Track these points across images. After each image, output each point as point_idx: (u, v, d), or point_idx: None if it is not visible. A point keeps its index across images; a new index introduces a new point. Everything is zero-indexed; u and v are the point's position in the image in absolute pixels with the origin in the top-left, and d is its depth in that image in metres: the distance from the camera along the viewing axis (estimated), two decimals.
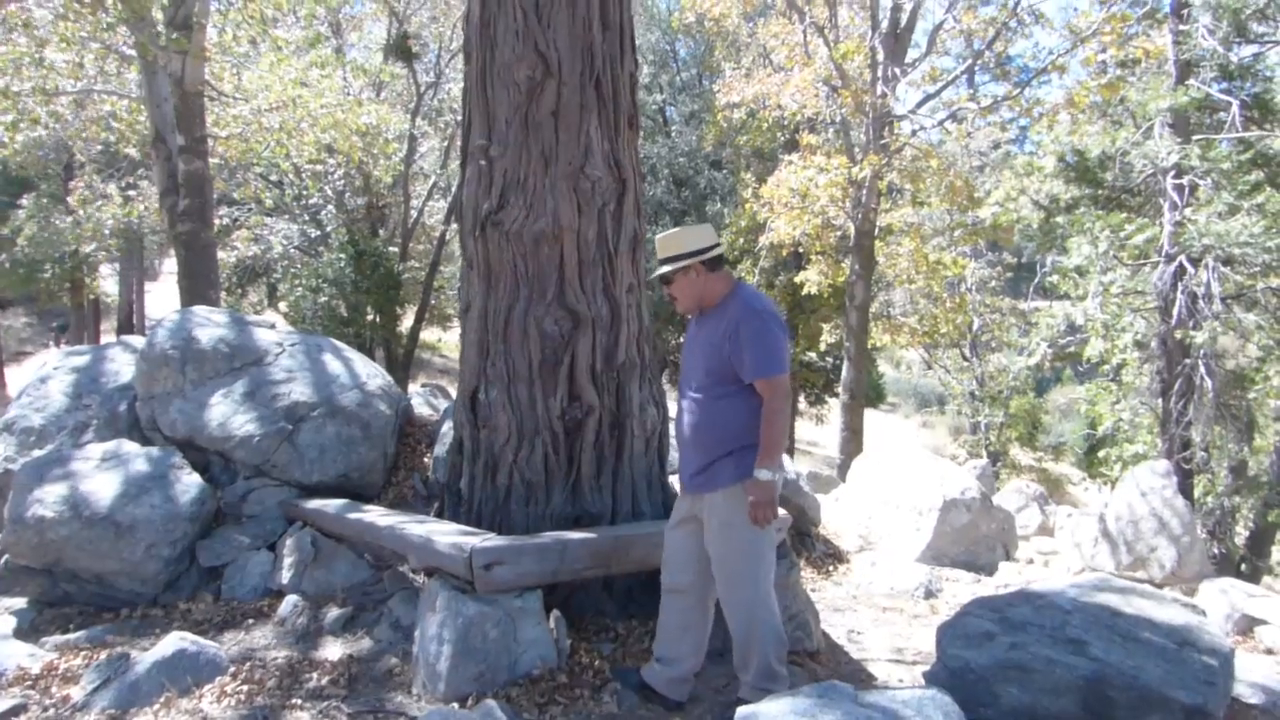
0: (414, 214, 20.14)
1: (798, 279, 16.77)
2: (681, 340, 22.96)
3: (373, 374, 6.83)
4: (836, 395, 17.24)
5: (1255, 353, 12.92)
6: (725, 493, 3.54)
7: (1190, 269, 12.62)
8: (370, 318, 17.73)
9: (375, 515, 5.00)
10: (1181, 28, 14.01)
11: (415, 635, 4.09)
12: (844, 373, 15.06)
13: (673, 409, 6.44)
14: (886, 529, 7.34)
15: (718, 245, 3.69)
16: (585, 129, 4.88)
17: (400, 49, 18.18)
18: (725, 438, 3.52)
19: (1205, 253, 12.46)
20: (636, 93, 5.34)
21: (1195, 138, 13.47)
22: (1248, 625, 6.14)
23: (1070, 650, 3.55)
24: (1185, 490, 11.65)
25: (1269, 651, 5.74)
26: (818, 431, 23.76)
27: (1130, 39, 13.98)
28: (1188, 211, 12.98)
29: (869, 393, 22.95)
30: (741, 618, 3.64)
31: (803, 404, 22.53)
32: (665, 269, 3.66)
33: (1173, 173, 13.40)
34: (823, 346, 19.63)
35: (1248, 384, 13.17)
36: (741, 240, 18.26)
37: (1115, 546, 7.29)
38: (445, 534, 4.19)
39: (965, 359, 21.82)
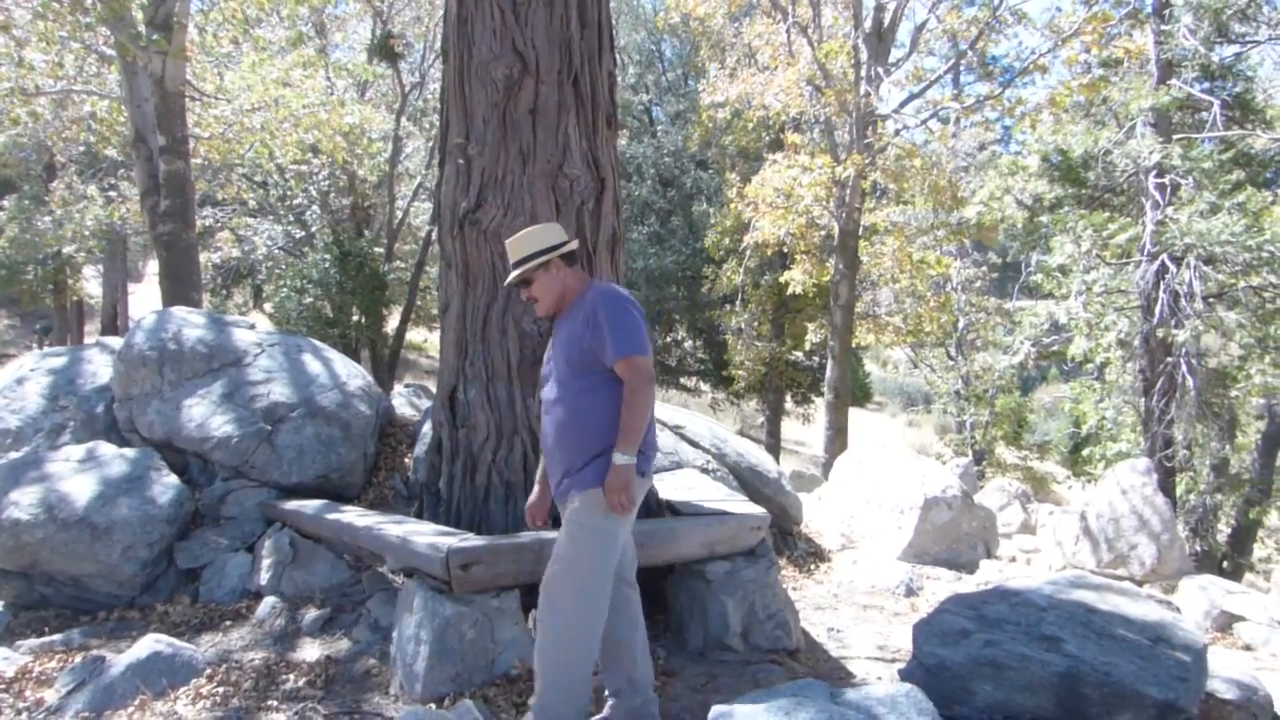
0: (399, 214, 20.08)
1: (783, 278, 16.81)
2: (669, 339, 23.04)
3: (353, 374, 6.81)
4: (822, 394, 17.27)
5: (1237, 351, 12.99)
6: (586, 495, 3.26)
7: (1172, 268, 12.68)
8: (356, 319, 17.65)
9: (353, 516, 4.98)
10: (1163, 27, 14.09)
11: (393, 636, 4.08)
12: (828, 371, 15.08)
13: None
14: (869, 527, 7.35)
15: (571, 241, 3.55)
16: (563, 127, 4.88)
17: (384, 49, 18.11)
18: (594, 435, 3.27)
19: (1187, 252, 12.53)
20: (615, 91, 5.34)
21: (1177, 137, 13.55)
22: (1227, 622, 6.17)
23: (1045, 647, 3.56)
24: (1167, 488, 11.70)
25: (1247, 648, 5.77)
26: (804, 431, 23.82)
27: (1113, 39, 14.06)
28: (1169, 210, 13.04)
29: (855, 392, 23.00)
30: (551, 639, 3.27)
31: (789, 403, 22.58)
32: (528, 266, 3.44)
33: (1155, 172, 13.46)
34: (808, 346, 19.67)
35: (1229, 382, 13.23)
36: (727, 240, 18.28)
37: (1096, 544, 7.32)
38: (423, 534, 4.17)
39: (951, 358, 21.91)
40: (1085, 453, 14.87)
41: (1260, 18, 14.56)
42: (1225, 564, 12.28)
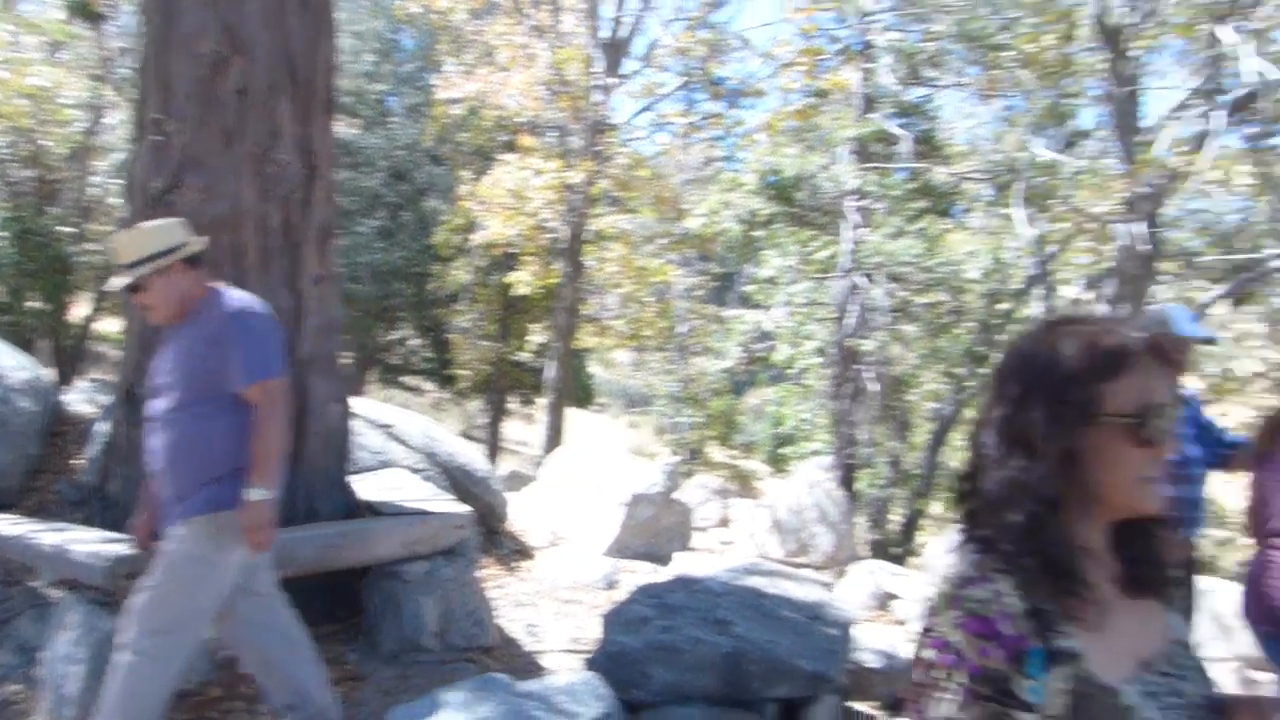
0: (93, 191, 18.17)
1: (507, 279, 16.90)
2: (393, 335, 22.44)
3: (18, 366, 6.10)
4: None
5: (914, 360, 14.56)
6: (194, 522, 2.97)
7: (864, 283, 14.02)
8: (34, 305, 15.81)
9: (3, 524, 4.46)
10: (867, 65, 15.50)
11: (43, 657, 3.71)
12: (550, 372, 15.41)
13: (363, 405, 6.27)
14: (576, 524, 7.56)
15: (193, 242, 3.19)
16: (274, 110, 4.67)
17: (83, 8, 16.34)
18: (210, 461, 3.00)
19: (877, 269, 13.91)
20: (334, 77, 5.17)
21: (873, 166, 14.97)
22: (886, 600, 6.93)
23: (717, 630, 3.84)
24: (849, 483, 12.95)
25: (900, 623, 6.51)
26: (527, 431, 24.10)
27: (825, 72, 15.32)
28: (864, 232, 14.40)
29: (579, 393, 23.55)
30: (124, 671, 2.94)
31: (515, 404, 22.76)
32: (142, 270, 3.04)
33: (854, 196, 14.81)
34: (532, 347, 19.93)
35: (906, 388, 14.83)
36: (456, 238, 18.13)
37: (783, 535, 7.98)
38: (84, 542, 3.83)
39: (671, 362, 22.93)
40: (784, 451, 16.12)
41: (946, 65, 16.41)
42: (896, 550, 13.72)
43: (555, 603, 5.79)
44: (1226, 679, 5.88)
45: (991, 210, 15.75)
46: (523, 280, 15.88)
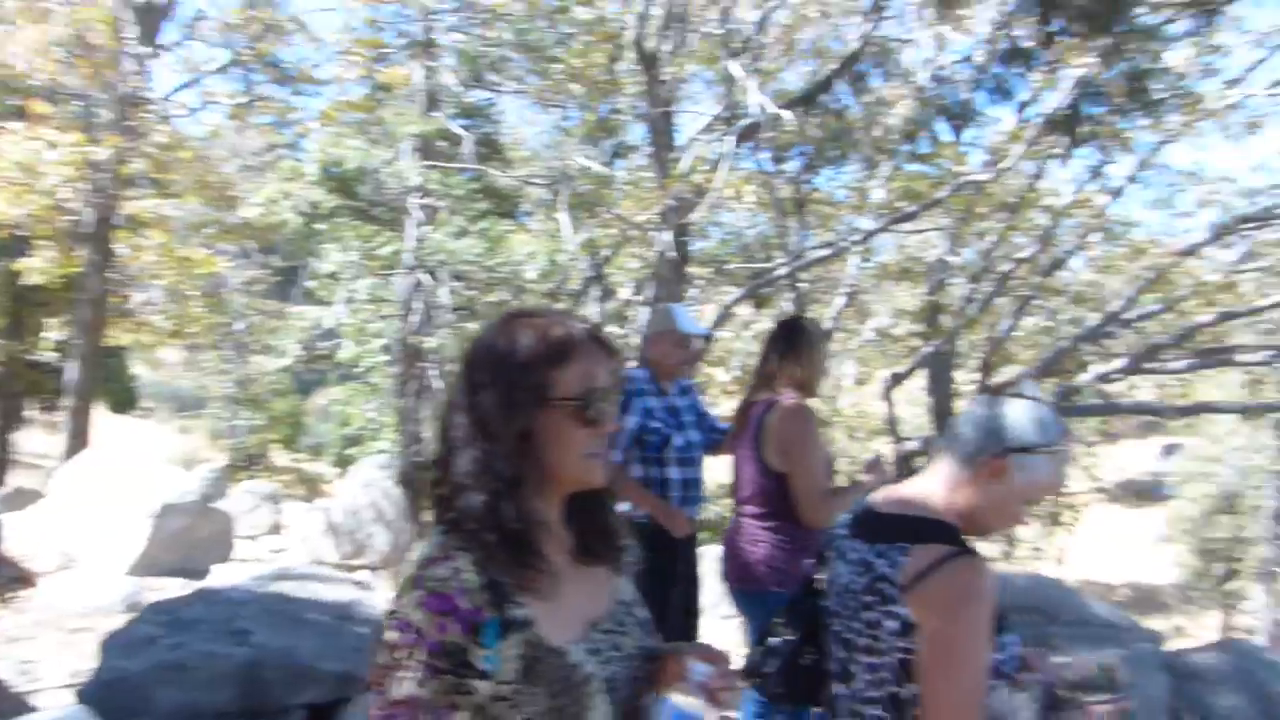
0: None
1: (17, 266, 14.54)
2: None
3: None
4: None
5: None
6: None
7: (428, 281, 14.07)
8: None
9: None
10: (430, 64, 15.50)
11: None
12: (72, 373, 13.55)
13: None
14: (94, 542, 6.73)
15: None
16: None
17: None
18: None
19: (440, 267, 14.02)
20: None
21: (438, 164, 15.03)
22: None
23: (233, 641, 3.63)
24: (415, 480, 12.96)
25: None
26: (53, 441, 21.04)
27: (387, 65, 15.06)
28: (427, 230, 14.44)
29: (120, 396, 20.97)
30: None
31: (34, 411, 19.73)
32: None
33: (418, 193, 14.78)
34: (50, 344, 17.39)
35: None
36: None
37: (339, 537, 7.77)
38: None
39: (227, 362, 21.31)
40: (352, 452, 15.71)
41: (507, 71, 16.93)
42: None
43: (60, 633, 5.12)
44: (729, 634, 6.76)
45: (550, 214, 16.60)
46: (37, 268, 13.74)
